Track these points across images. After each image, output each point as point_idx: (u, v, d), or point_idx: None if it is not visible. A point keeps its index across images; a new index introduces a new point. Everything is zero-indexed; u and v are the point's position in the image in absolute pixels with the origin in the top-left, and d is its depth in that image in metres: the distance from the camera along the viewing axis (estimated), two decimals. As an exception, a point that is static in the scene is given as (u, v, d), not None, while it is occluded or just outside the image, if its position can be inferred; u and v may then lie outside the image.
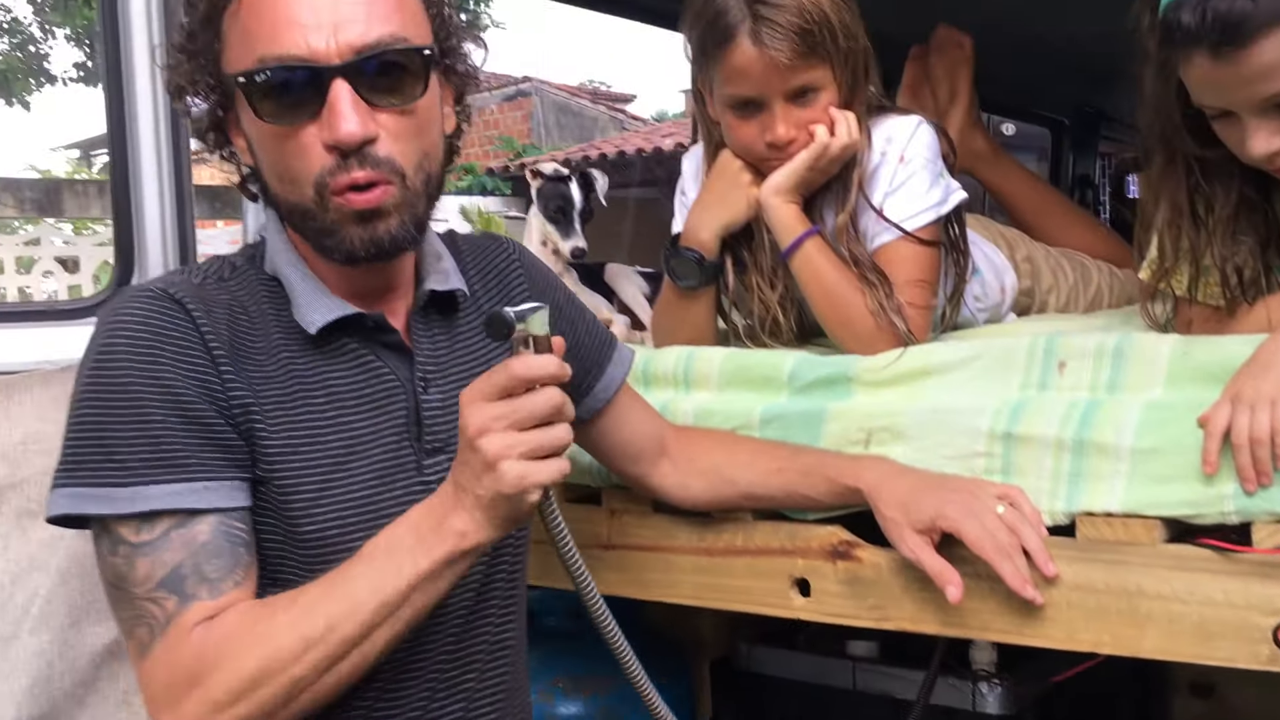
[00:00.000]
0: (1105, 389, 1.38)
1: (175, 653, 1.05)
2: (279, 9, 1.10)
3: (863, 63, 1.62)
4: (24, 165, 15.52)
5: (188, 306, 1.12)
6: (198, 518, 1.08)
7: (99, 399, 1.08)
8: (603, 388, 1.45)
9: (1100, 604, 1.28)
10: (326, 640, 1.04)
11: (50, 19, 7.62)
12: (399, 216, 1.13)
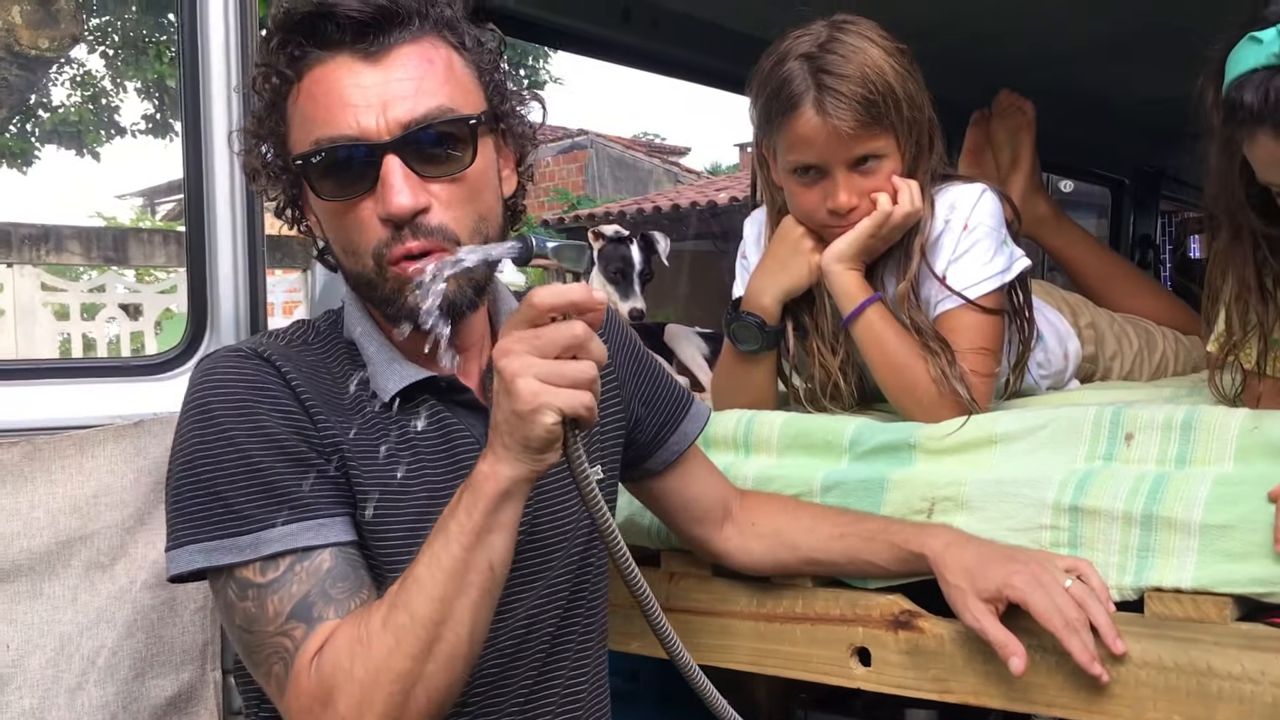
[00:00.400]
0: (1174, 462, 1.36)
1: (302, 682, 1.08)
2: (332, 92, 1.15)
3: (927, 132, 1.63)
4: (90, 213, 15.88)
5: (275, 362, 1.17)
6: (318, 552, 1.11)
7: (206, 455, 1.12)
8: (677, 440, 1.47)
9: (1169, 682, 1.26)
10: (411, 628, 1.05)
11: (122, 73, 7.85)
12: (455, 281, 1.16)
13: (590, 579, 1.31)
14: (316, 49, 1.16)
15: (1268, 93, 1.24)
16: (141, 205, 19.11)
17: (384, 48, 1.15)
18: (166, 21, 7.61)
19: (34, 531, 1.56)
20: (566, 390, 1.01)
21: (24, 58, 2.68)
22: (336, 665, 1.06)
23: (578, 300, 1.02)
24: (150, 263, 9.99)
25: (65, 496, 1.58)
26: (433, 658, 1.06)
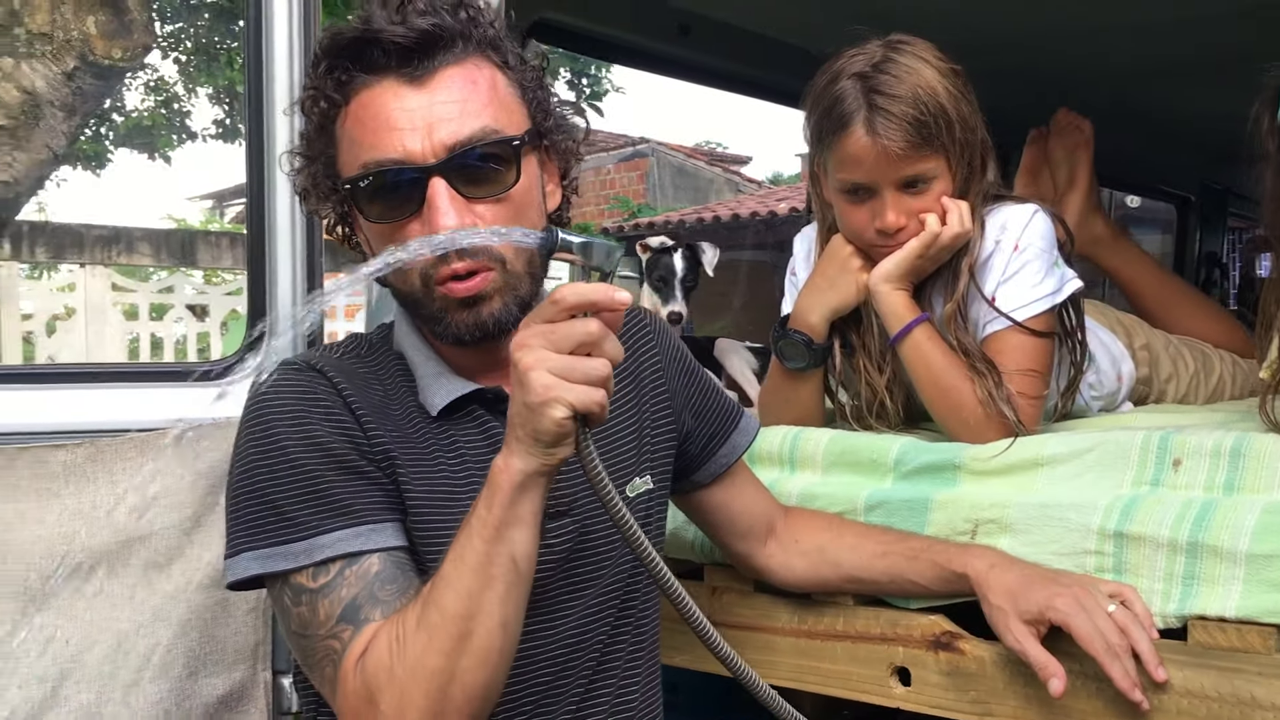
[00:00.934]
0: (1222, 489, 1.35)
1: (349, 682, 1.10)
2: (379, 116, 1.18)
3: (979, 153, 1.63)
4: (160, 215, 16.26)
5: (328, 374, 1.21)
6: (366, 557, 1.14)
7: (261, 466, 1.16)
8: (725, 453, 1.48)
9: (1211, 712, 1.25)
10: (442, 624, 1.07)
11: (194, 79, 8.02)
12: (501, 299, 1.19)
13: (641, 589, 1.33)
14: (363, 73, 1.19)
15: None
16: (210, 208, 19.47)
17: (428, 71, 1.18)
18: (237, 28, 7.76)
19: (95, 530, 1.61)
20: (579, 386, 1.02)
21: (98, 67, 2.77)
22: (379, 665, 1.09)
23: (596, 299, 1.03)
24: (217, 264, 10.20)
25: (126, 497, 1.63)
26: (465, 653, 1.07)
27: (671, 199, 15.17)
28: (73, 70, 2.69)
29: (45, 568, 1.59)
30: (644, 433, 1.35)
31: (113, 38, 2.70)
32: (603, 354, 1.03)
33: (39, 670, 1.59)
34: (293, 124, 1.70)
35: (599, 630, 1.27)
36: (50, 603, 1.60)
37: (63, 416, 1.63)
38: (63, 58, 2.69)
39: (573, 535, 1.24)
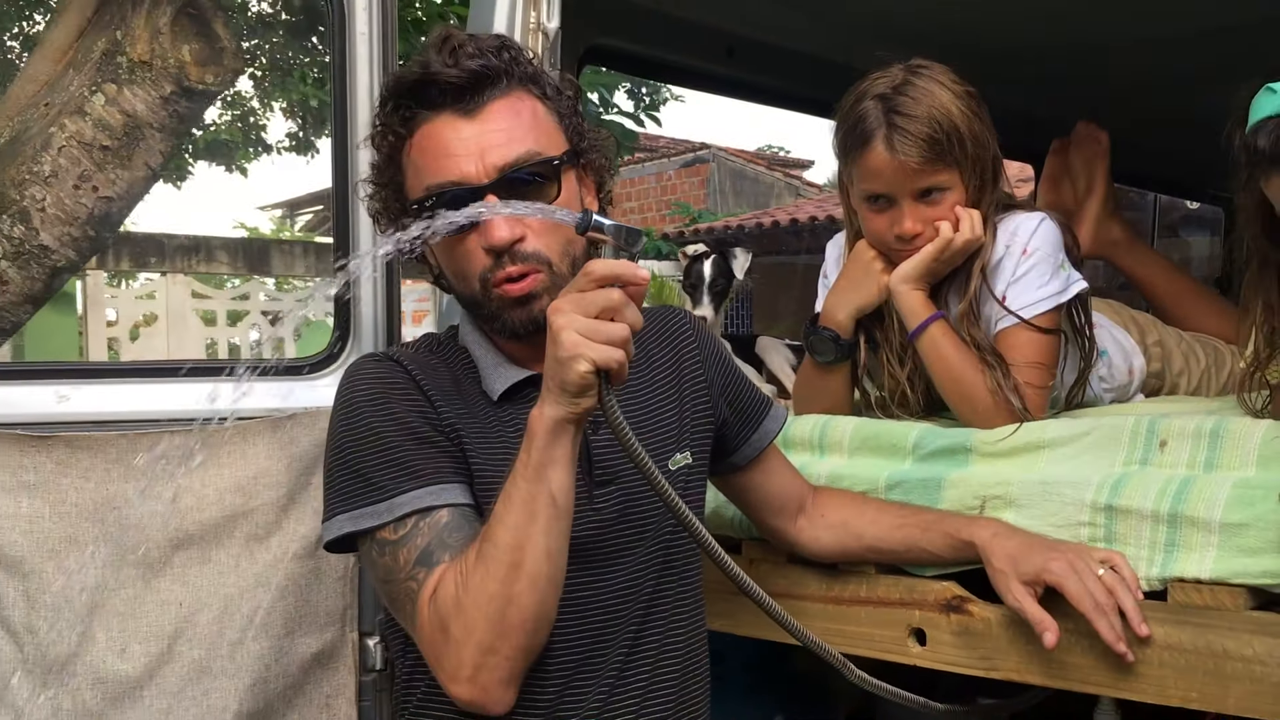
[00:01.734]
0: (1202, 467, 1.50)
1: (424, 615, 1.30)
2: (438, 145, 1.38)
3: (990, 167, 1.79)
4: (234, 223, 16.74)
5: (405, 364, 1.42)
6: (437, 510, 1.34)
7: (351, 442, 1.37)
8: (758, 438, 1.66)
9: (1188, 663, 1.40)
10: (496, 555, 1.25)
11: (270, 94, 8.35)
12: (549, 297, 1.37)
13: (681, 548, 1.49)
14: (423, 110, 1.39)
15: (1276, 137, 1.38)
16: (280, 216, 19.92)
17: (479, 105, 1.37)
18: (310, 45, 8.05)
19: (205, 506, 1.81)
20: (601, 345, 1.19)
21: (193, 91, 3.00)
22: (447, 597, 1.28)
23: (622, 272, 1.21)
24: (290, 272, 10.54)
25: (231, 477, 1.82)
26: (517, 579, 1.25)
27: (732, 204, 15.28)
28: (169, 94, 2.93)
29: (160, 540, 1.81)
30: (684, 415, 1.53)
31: (206, 64, 2.94)
32: (624, 320, 1.21)
33: (155, 628, 1.80)
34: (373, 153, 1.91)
35: (645, 583, 1.45)
36: (166, 570, 1.82)
37: (177, 405, 1.85)
38: (161, 83, 2.93)
39: (619, 501, 1.43)
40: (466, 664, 1.27)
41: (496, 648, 1.27)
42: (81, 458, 1.77)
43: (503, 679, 1.29)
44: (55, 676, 1.75)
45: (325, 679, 1.88)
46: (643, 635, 1.46)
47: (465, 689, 1.28)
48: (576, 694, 1.40)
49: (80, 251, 3.13)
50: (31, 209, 2.94)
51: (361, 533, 1.36)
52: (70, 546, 1.76)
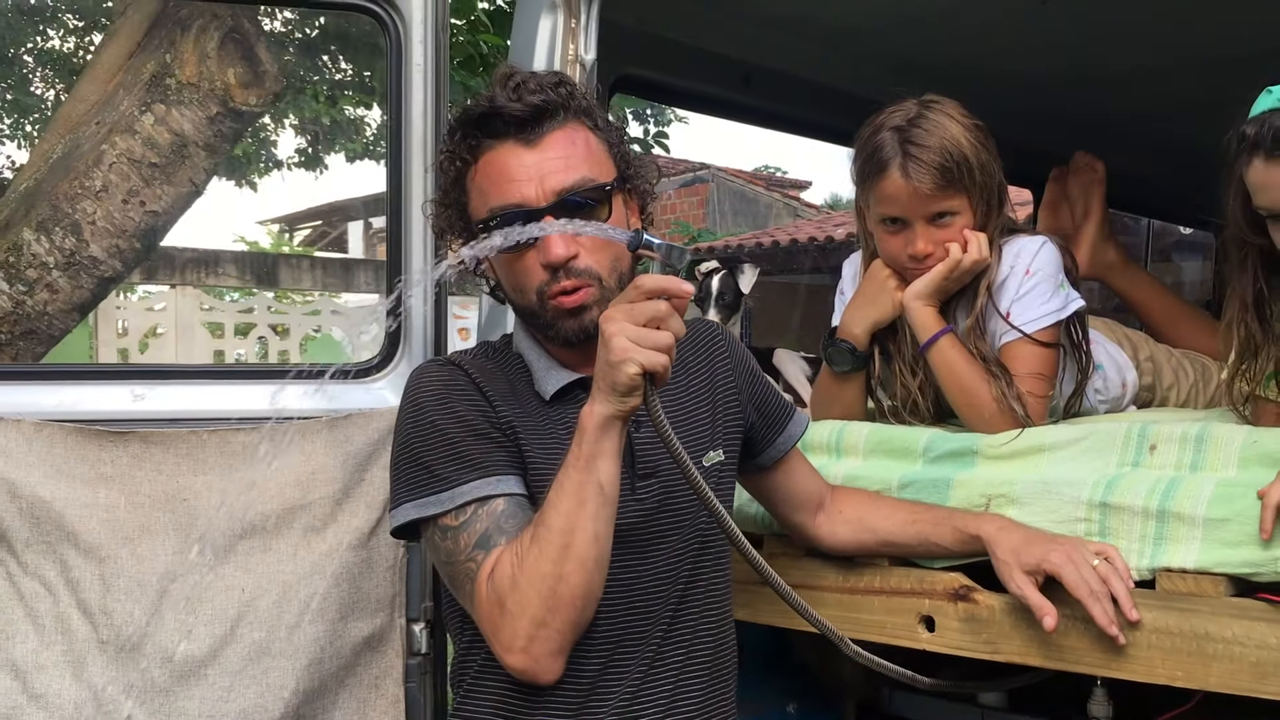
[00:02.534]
0: (1188, 468, 1.65)
1: (483, 593, 1.44)
2: (502, 171, 1.53)
3: (996, 193, 1.95)
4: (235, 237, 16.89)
5: (464, 368, 1.57)
6: (494, 499, 1.48)
7: (417, 437, 1.52)
8: (783, 441, 1.80)
9: (1174, 645, 1.54)
10: (548, 537, 1.39)
11: (282, 111, 8.52)
12: (599, 309, 1.51)
13: (715, 538, 1.63)
14: (488, 139, 1.54)
15: (1263, 125, 1.54)
16: (279, 231, 20.05)
17: (539, 135, 1.52)
18: (322, 63, 8.21)
19: (266, 499, 1.94)
20: (648, 350, 1.33)
21: (236, 112, 3.15)
22: (503, 576, 1.42)
23: (668, 286, 1.35)
24: (298, 286, 10.69)
25: (291, 472, 1.95)
26: (567, 559, 1.38)
27: (730, 224, 15.43)
28: (215, 114, 3.08)
29: (226, 529, 1.95)
30: (717, 417, 1.68)
31: (248, 86, 3.09)
32: (669, 328, 1.35)
33: (220, 611, 1.93)
34: (425, 174, 2.06)
35: (681, 568, 1.59)
36: (231, 558, 1.95)
37: (243, 405, 1.99)
38: (207, 104, 3.07)
39: (659, 492, 1.57)
40: (521, 635, 1.42)
41: (548, 621, 1.41)
42: (155, 452, 1.91)
43: (553, 650, 1.43)
44: (128, 656, 1.88)
45: (375, 661, 2.01)
46: (679, 616, 1.59)
47: (519, 658, 1.43)
48: (618, 667, 1.53)
49: (126, 263, 3.29)
50: (82, 222, 3.10)
51: (425, 519, 1.51)
52: (144, 535, 1.90)
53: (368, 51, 6.56)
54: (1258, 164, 1.58)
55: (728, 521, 1.48)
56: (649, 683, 1.56)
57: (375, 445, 2.00)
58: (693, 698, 1.59)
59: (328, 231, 20.55)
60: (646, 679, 1.55)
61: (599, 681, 1.52)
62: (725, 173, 16.23)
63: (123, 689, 1.88)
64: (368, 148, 9.23)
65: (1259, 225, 1.64)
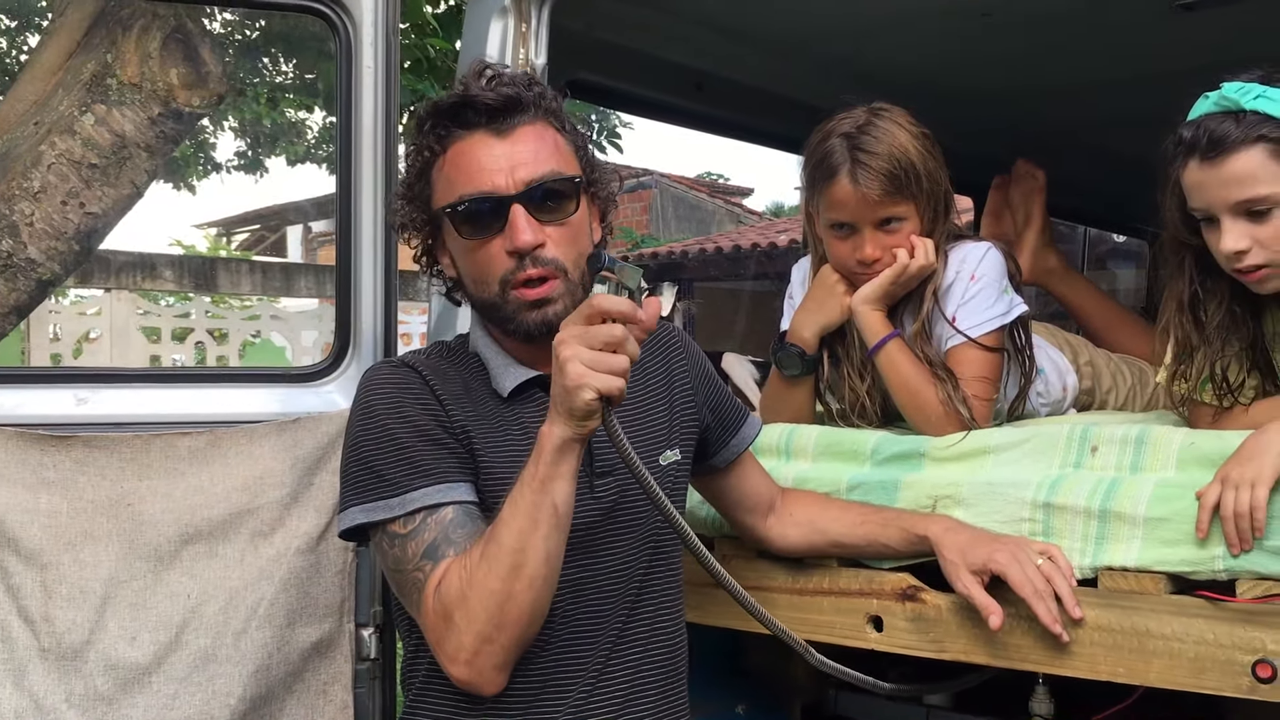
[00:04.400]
0: (1128, 469, 1.69)
1: (429, 604, 1.44)
2: (473, 160, 1.53)
3: (943, 200, 1.99)
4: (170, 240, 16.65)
5: (419, 370, 1.56)
6: (444, 507, 1.47)
7: (367, 440, 1.51)
8: (736, 443, 1.81)
9: (1116, 641, 1.58)
10: (499, 555, 1.38)
11: (222, 113, 8.41)
12: (563, 302, 1.52)
13: (670, 536, 1.63)
14: (459, 129, 1.54)
15: (1198, 127, 1.59)
16: (217, 234, 19.82)
17: (510, 127, 1.53)
18: (263, 65, 8.13)
19: (213, 504, 1.92)
20: (604, 375, 1.32)
21: (179, 113, 3.11)
22: (450, 589, 1.42)
23: (626, 311, 1.34)
24: (236, 290, 10.55)
25: (238, 476, 1.94)
26: (518, 579, 1.38)
27: (674, 230, 15.50)
28: (157, 115, 3.04)
29: (171, 534, 1.92)
30: (674, 417, 1.69)
31: (192, 87, 3.06)
32: (624, 352, 1.35)
33: (164, 618, 1.90)
34: (376, 177, 2.06)
35: (636, 568, 1.60)
36: (175, 563, 1.93)
37: (188, 409, 1.97)
38: (149, 105, 3.04)
39: (615, 491, 1.58)
40: (466, 649, 1.42)
41: (494, 637, 1.41)
42: (98, 456, 1.89)
43: (497, 664, 1.44)
44: (70, 664, 1.85)
45: (323, 667, 2.00)
46: (634, 616, 1.60)
47: (463, 670, 1.43)
48: (571, 668, 1.54)
49: (65, 265, 3.23)
50: (20, 223, 3.04)
51: (374, 524, 1.50)
52: (87, 541, 1.87)
53: (311, 53, 6.51)
54: (1193, 167, 1.62)
55: (688, 533, 1.48)
56: (603, 683, 1.56)
57: (324, 449, 1.98)
58: (648, 697, 1.60)
59: (266, 236, 20.34)
60: (601, 679, 1.56)
61: (550, 682, 1.53)
62: (668, 179, 16.29)
63: (64, 698, 1.85)
64: (309, 151, 9.14)
65: (1194, 227, 1.69)
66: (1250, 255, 1.62)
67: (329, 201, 5.78)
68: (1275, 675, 1.46)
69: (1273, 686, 1.47)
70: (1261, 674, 1.47)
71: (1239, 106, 1.59)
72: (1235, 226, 1.61)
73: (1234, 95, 1.60)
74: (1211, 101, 1.63)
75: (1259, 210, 1.60)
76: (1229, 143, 1.59)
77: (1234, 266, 1.65)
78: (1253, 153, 1.59)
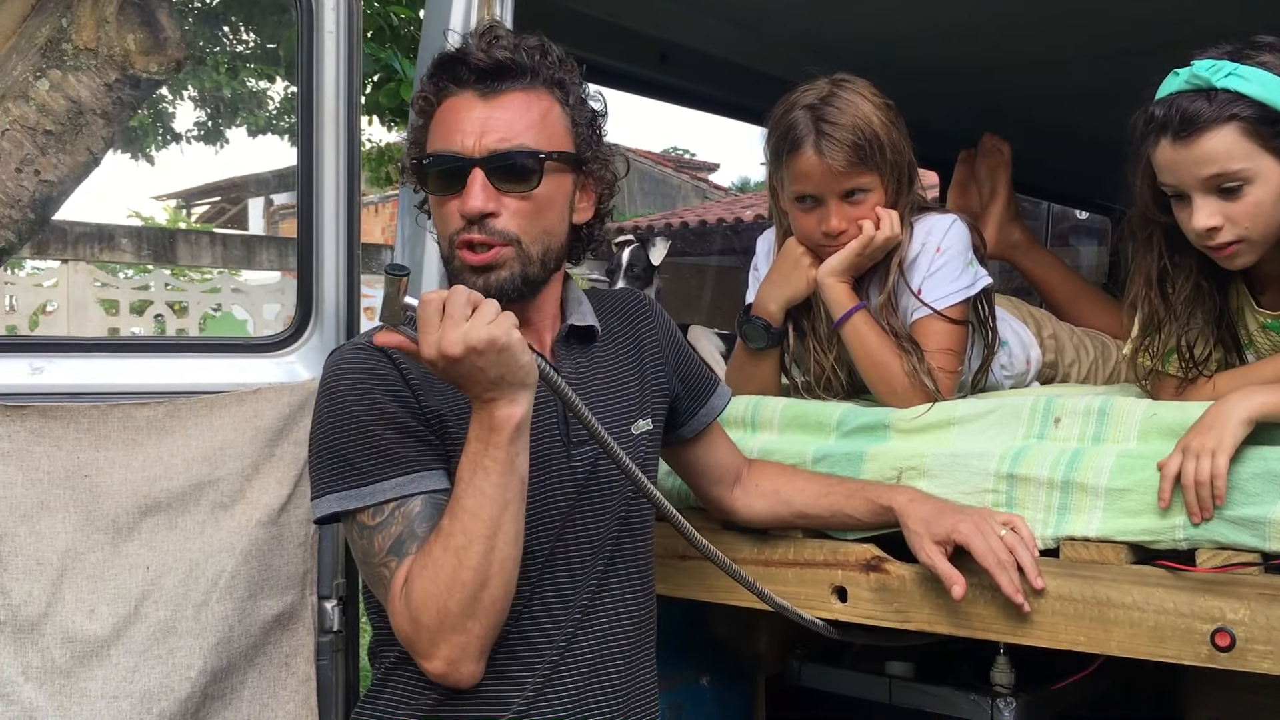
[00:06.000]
0: (1091, 440, 1.71)
1: (397, 606, 1.43)
2: (452, 118, 1.52)
3: (907, 172, 1.98)
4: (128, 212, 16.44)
5: (387, 351, 1.51)
6: (413, 499, 1.45)
7: (335, 429, 1.48)
8: (705, 413, 1.81)
9: (1077, 611, 1.60)
10: (470, 547, 1.37)
11: (181, 82, 8.29)
12: (509, 271, 1.51)
13: (640, 505, 1.63)
14: (452, 85, 1.53)
15: (1170, 106, 1.59)
16: (176, 206, 19.59)
17: (497, 91, 1.51)
18: (223, 33, 8.01)
19: (172, 475, 1.89)
20: (492, 324, 1.33)
21: (136, 79, 3.06)
22: (412, 590, 1.40)
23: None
24: (197, 263, 10.43)
25: (198, 448, 1.91)
26: (491, 564, 1.38)
27: (640, 205, 15.46)
28: (113, 82, 2.99)
29: (130, 505, 1.90)
30: (645, 386, 1.68)
31: (149, 53, 3.01)
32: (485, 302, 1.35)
33: (123, 590, 1.88)
34: (338, 145, 2.02)
35: (608, 535, 1.58)
36: (134, 535, 1.90)
37: (147, 379, 1.94)
38: (105, 71, 2.97)
39: (591, 458, 1.56)
40: (440, 645, 1.41)
41: (469, 628, 1.40)
42: (54, 427, 1.85)
43: (473, 655, 1.43)
44: (27, 636, 1.83)
45: (285, 639, 1.98)
46: (604, 585, 1.59)
47: (439, 666, 1.42)
48: (542, 636, 1.53)
49: (20, 234, 3.16)
50: (-28, 191, 2.97)
51: (346, 513, 1.49)
52: (43, 512, 1.83)
53: (272, 22, 6.42)
54: (1165, 145, 1.63)
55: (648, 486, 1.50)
56: (571, 653, 1.56)
57: (286, 420, 1.96)
58: (615, 667, 1.59)
59: (227, 208, 20.12)
60: (569, 649, 1.55)
61: (519, 652, 1.52)
62: (634, 153, 16.23)
63: (20, 670, 1.82)
64: (271, 121, 9.03)
65: (1164, 204, 1.70)
66: (1222, 232, 1.63)
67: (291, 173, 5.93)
68: (1233, 644, 1.48)
69: (1230, 655, 1.49)
70: (1220, 642, 1.49)
71: (1210, 84, 1.60)
72: (1207, 204, 1.62)
73: (1205, 73, 1.61)
74: (1182, 79, 1.63)
75: (1230, 187, 1.61)
76: (1201, 121, 1.59)
77: (1205, 243, 1.66)
78: (1225, 131, 1.59)
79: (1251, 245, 1.64)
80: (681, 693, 2.26)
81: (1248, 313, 1.77)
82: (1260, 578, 1.49)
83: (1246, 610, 1.48)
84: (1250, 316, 1.77)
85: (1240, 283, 1.76)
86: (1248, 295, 1.76)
